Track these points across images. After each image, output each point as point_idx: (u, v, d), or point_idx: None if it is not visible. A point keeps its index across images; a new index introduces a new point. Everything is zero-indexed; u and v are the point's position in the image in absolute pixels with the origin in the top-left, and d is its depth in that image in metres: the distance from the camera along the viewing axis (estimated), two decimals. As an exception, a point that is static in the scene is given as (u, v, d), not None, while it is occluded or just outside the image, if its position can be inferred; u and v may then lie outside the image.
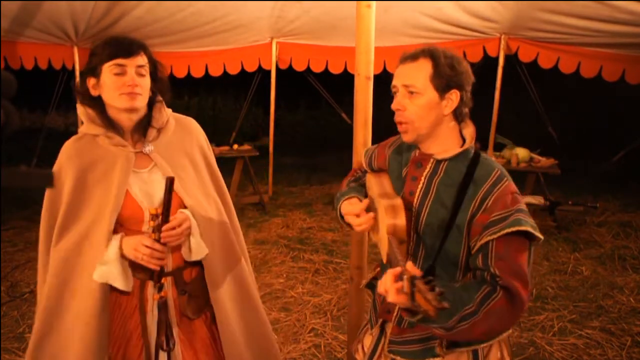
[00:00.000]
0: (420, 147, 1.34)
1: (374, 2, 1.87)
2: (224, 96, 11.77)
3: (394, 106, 1.30)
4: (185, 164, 1.60)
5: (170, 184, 1.43)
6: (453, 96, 1.26)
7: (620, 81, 5.10)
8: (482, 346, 1.31)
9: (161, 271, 1.50)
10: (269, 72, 5.95)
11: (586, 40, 4.76)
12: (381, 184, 1.41)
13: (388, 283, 1.07)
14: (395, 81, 1.31)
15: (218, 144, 5.67)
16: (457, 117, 1.30)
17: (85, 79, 1.47)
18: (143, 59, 1.47)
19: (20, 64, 4.96)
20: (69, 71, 5.22)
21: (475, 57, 5.17)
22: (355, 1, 1.87)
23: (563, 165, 4.96)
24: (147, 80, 1.49)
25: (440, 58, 1.25)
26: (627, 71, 5.01)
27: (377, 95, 1.94)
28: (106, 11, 4.44)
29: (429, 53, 1.26)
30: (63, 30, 4.74)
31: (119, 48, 1.43)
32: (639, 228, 4.89)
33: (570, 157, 6.33)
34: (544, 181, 5.22)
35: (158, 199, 1.49)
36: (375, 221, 1.38)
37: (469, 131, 1.32)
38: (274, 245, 4.61)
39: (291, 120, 11.86)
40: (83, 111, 1.51)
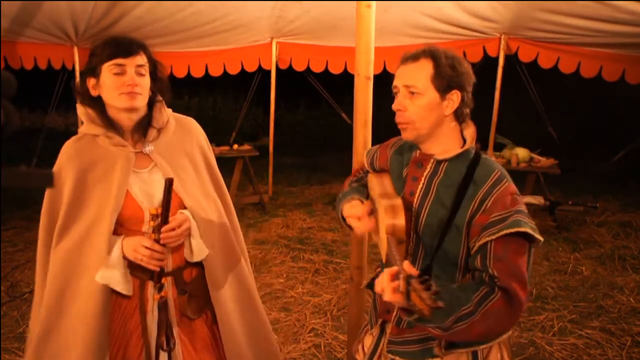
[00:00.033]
0: (421, 148, 1.34)
1: (374, 2, 1.87)
2: (224, 96, 11.77)
3: (395, 107, 1.29)
4: (185, 164, 1.60)
5: (169, 185, 1.43)
6: (454, 97, 1.26)
7: (620, 81, 5.09)
8: (482, 347, 1.30)
9: (161, 271, 1.50)
10: (269, 72, 5.95)
11: (586, 40, 4.76)
12: (382, 184, 1.41)
13: (385, 282, 1.07)
14: (396, 81, 1.30)
15: (218, 144, 5.67)
16: (458, 118, 1.30)
17: (85, 79, 1.47)
18: (142, 59, 1.46)
19: (20, 64, 4.96)
20: (69, 71, 5.21)
21: (475, 57, 5.17)
22: (355, 1, 1.87)
23: (563, 165, 4.96)
24: (147, 79, 1.49)
25: (441, 58, 1.24)
26: (627, 71, 5.02)
27: (377, 95, 1.94)
28: (106, 11, 4.44)
29: (430, 53, 1.26)
30: (63, 30, 4.74)
31: (119, 48, 1.43)
32: (639, 228, 4.88)
33: (570, 157, 6.33)
34: (544, 181, 5.22)
35: (158, 199, 1.49)
36: (376, 223, 1.38)
37: (470, 132, 1.32)
38: (274, 245, 4.61)
39: (291, 120, 11.86)
40: (83, 111, 1.51)
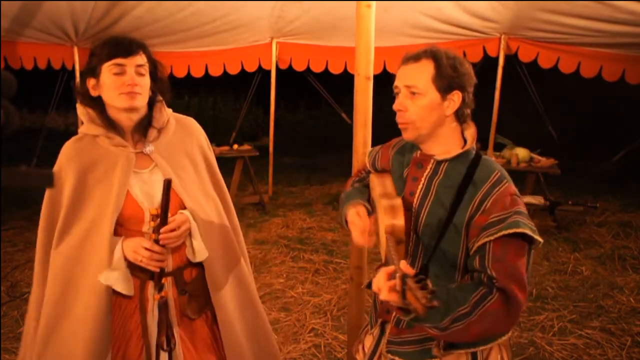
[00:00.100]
0: (421, 148, 1.34)
1: (374, 2, 1.87)
2: (224, 96, 11.76)
3: (396, 107, 1.29)
4: (185, 164, 1.60)
5: (167, 186, 1.42)
6: (455, 97, 1.25)
7: (620, 81, 5.09)
8: (481, 348, 1.29)
9: (161, 271, 1.50)
10: (269, 72, 5.95)
11: (586, 40, 4.76)
12: (383, 185, 1.41)
13: (381, 281, 1.08)
14: (397, 82, 1.30)
15: (218, 144, 5.67)
16: (459, 118, 1.29)
17: (85, 80, 1.47)
18: (142, 59, 1.46)
19: (20, 64, 4.96)
20: (69, 71, 5.21)
21: (475, 57, 5.17)
22: (355, 1, 1.87)
23: (563, 165, 4.95)
24: (147, 79, 1.48)
25: (442, 59, 1.24)
26: (627, 71, 5.02)
27: (377, 95, 1.94)
28: (106, 11, 4.44)
29: (431, 54, 1.25)
30: (63, 30, 4.74)
31: (118, 48, 1.42)
32: (639, 228, 4.88)
33: (570, 157, 6.33)
34: (544, 181, 5.22)
35: (159, 199, 1.48)
36: (376, 225, 1.38)
37: (471, 132, 1.31)
38: (274, 245, 4.61)
39: (291, 120, 11.85)
40: (83, 111, 1.51)
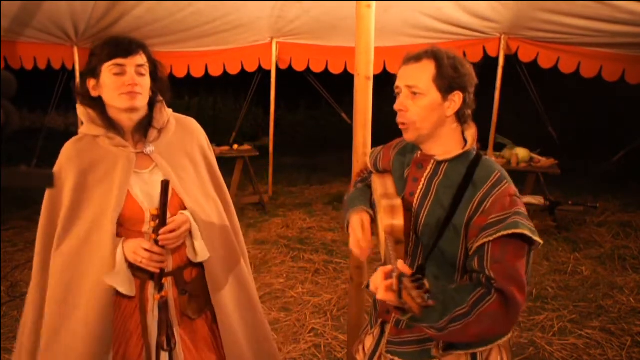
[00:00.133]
0: (422, 149, 1.34)
1: (374, 2, 1.87)
2: (224, 96, 11.76)
3: (397, 107, 1.29)
4: (186, 165, 1.60)
5: (165, 187, 1.42)
6: (456, 98, 1.25)
7: (620, 81, 5.09)
8: (481, 350, 1.28)
9: (161, 272, 1.50)
10: (269, 72, 5.95)
11: (586, 40, 4.76)
12: (384, 185, 1.41)
13: (378, 280, 1.08)
14: (398, 82, 1.30)
15: (218, 144, 5.67)
16: (460, 119, 1.29)
17: (85, 80, 1.47)
18: (142, 59, 1.46)
19: (20, 64, 4.96)
20: (69, 71, 5.21)
21: (475, 57, 5.17)
22: (355, 1, 1.87)
23: (563, 165, 4.95)
24: (147, 79, 1.48)
25: (443, 59, 1.24)
26: (627, 71, 5.01)
27: (377, 95, 1.93)
28: (106, 11, 4.44)
29: (433, 54, 1.26)
30: (63, 30, 4.74)
31: (118, 48, 1.42)
32: (639, 228, 4.88)
33: (570, 157, 6.33)
34: (544, 181, 5.21)
35: (159, 200, 1.49)
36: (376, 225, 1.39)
37: (471, 133, 1.31)
38: (274, 245, 4.61)
39: (291, 120, 11.85)
40: (83, 112, 1.51)
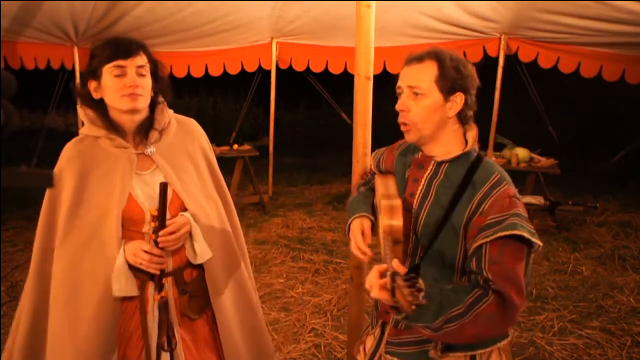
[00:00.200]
0: (423, 149, 1.34)
1: (374, 2, 1.87)
2: (224, 96, 11.76)
3: (398, 107, 1.29)
4: (187, 166, 1.60)
5: (163, 190, 1.42)
6: (457, 99, 1.26)
7: (620, 81, 5.09)
8: (480, 352, 1.28)
9: (161, 272, 1.50)
10: (269, 72, 5.95)
11: (586, 40, 4.76)
12: (386, 186, 1.42)
13: (373, 279, 1.09)
14: (400, 82, 1.30)
15: (218, 144, 5.68)
16: (461, 120, 1.30)
17: (86, 82, 1.47)
18: (143, 59, 1.46)
19: (20, 64, 4.96)
20: (69, 71, 5.21)
21: (475, 57, 5.17)
22: (355, 1, 1.87)
23: (563, 165, 4.95)
24: (148, 80, 1.48)
25: (446, 60, 1.24)
26: (627, 71, 5.01)
27: (377, 95, 1.93)
28: (106, 11, 4.44)
29: (435, 55, 1.26)
30: (63, 30, 4.74)
31: (118, 49, 1.42)
32: (639, 228, 4.88)
33: (570, 157, 6.33)
34: (544, 181, 5.21)
35: None
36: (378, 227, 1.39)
37: (472, 134, 1.31)
38: (274, 245, 4.61)
39: (291, 120, 11.85)
40: (84, 113, 1.51)
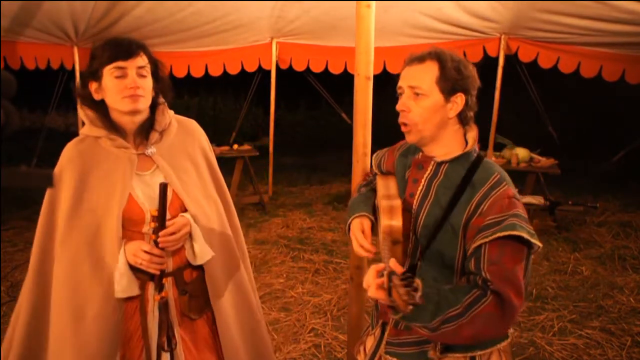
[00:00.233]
0: (423, 150, 1.34)
1: (374, 2, 1.87)
2: (224, 96, 11.76)
3: (399, 107, 1.30)
4: (187, 166, 1.60)
5: (163, 191, 1.42)
6: (458, 99, 1.26)
7: (620, 81, 5.09)
8: (480, 353, 1.28)
9: (161, 272, 1.50)
10: (269, 72, 5.95)
11: (586, 40, 4.76)
12: (387, 187, 1.42)
13: (370, 278, 1.10)
14: (401, 82, 1.30)
15: (218, 144, 5.68)
16: (462, 121, 1.30)
17: (86, 83, 1.47)
18: (143, 60, 1.46)
19: (20, 64, 4.96)
20: (69, 71, 5.21)
21: (475, 57, 5.17)
22: (355, 1, 1.87)
23: (563, 165, 4.95)
24: (149, 80, 1.48)
25: (447, 61, 1.25)
26: (627, 71, 5.02)
27: (377, 95, 1.93)
28: (106, 11, 4.44)
29: (436, 55, 1.26)
30: (63, 30, 4.74)
31: (118, 50, 1.42)
32: (639, 228, 4.88)
33: (570, 157, 6.33)
34: (544, 181, 5.22)
35: None
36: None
37: (472, 135, 1.31)
38: (274, 245, 4.61)
39: (291, 120, 11.85)
40: (84, 113, 1.51)
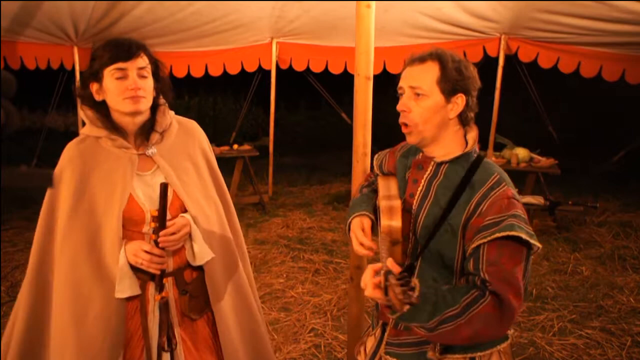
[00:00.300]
0: (424, 151, 1.34)
1: (374, 2, 1.87)
2: (224, 96, 11.78)
3: (399, 107, 1.29)
4: (187, 167, 1.60)
5: (164, 191, 1.43)
6: (459, 100, 1.26)
7: (620, 81, 5.10)
8: (480, 354, 1.27)
9: (162, 272, 1.50)
10: (269, 72, 5.95)
11: (586, 40, 4.77)
12: (388, 187, 1.42)
13: (367, 278, 1.10)
14: (401, 82, 1.30)
15: (218, 144, 5.68)
16: (462, 122, 1.30)
17: (87, 84, 1.47)
18: (144, 60, 1.46)
19: (20, 64, 4.96)
20: (69, 71, 5.21)
21: (475, 57, 5.17)
22: (355, 1, 1.87)
23: (563, 165, 4.95)
24: (150, 81, 1.48)
25: (448, 62, 1.25)
26: (627, 71, 5.02)
27: (377, 95, 1.93)
28: (106, 11, 4.44)
29: (437, 56, 1.26)
30: (63, 30, 4.74)
31: (119, 51, 1.42)
32: (639, 228, 4.88)
33: (570, 157, 6.32)
34: (544, 181, 5.22)
35: None
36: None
37: (472, 135, 1.31)
38: (274, 245, 4.61)
39: (291, 120, 11.86)
40: (84, 113, 1.51)
